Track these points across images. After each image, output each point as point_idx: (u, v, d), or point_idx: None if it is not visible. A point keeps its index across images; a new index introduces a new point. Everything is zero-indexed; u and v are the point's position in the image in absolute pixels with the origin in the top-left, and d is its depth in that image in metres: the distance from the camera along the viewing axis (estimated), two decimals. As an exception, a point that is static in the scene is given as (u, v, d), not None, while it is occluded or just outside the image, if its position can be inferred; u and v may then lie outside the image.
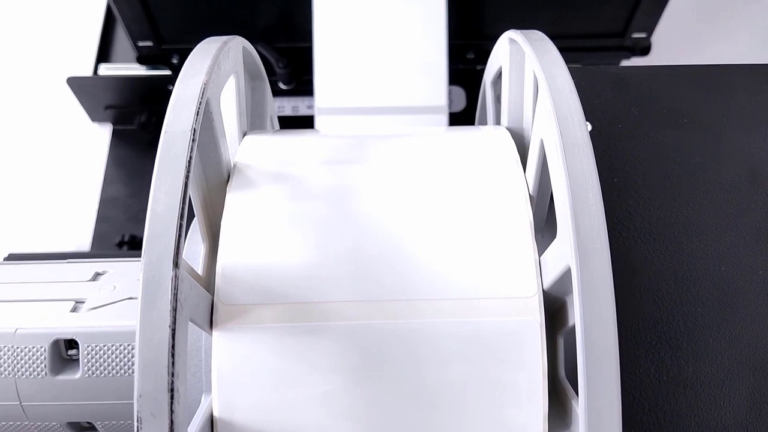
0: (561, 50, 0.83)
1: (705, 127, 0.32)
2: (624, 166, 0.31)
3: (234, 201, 0.29)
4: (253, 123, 0.40)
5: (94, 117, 0.89)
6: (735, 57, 0.94)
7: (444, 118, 0.69)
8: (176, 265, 0.22)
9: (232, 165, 0.31)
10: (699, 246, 0.30)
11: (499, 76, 0.38)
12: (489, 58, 0.39)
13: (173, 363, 0.21)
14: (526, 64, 0.31)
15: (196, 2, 0.73)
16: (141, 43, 0.77)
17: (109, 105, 0.86)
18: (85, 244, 0.84)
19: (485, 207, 0.28)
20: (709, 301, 0.29)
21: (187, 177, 0.23)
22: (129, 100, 0.85)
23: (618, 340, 0.22)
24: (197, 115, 0.25)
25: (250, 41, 0.81)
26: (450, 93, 0.83)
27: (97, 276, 0.36)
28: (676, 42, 0.90)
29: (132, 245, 0.79)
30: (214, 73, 0.27)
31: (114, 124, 0.89)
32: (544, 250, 0.27)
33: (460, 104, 0.82)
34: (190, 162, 0.24)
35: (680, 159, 0.31)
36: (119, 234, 0.82)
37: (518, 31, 0.33)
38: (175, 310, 0.22)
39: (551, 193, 0.27)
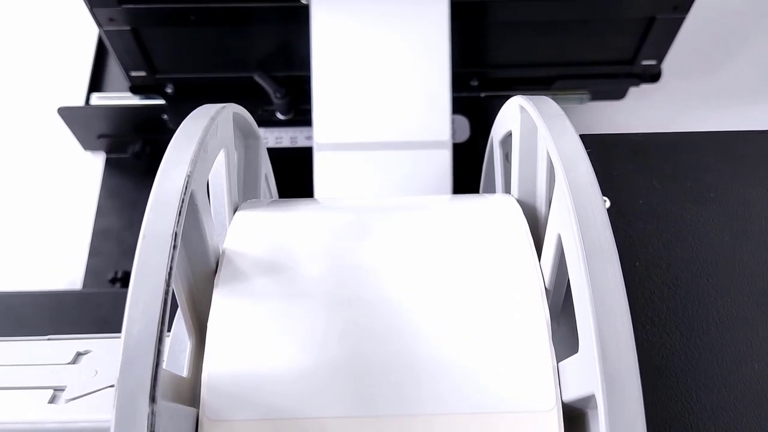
0: (568, 77, 0.80)
1: (733, 202, 0.30)
2: (646, 248, 0.29)
3: (222, 298, 0.26)
4: (246, 184, 0.38)
5: (87, 146, 0.86)
6: (748, 81, 0.91)
7: (447, 153, 0.67)
8: (153, 399, 0.20)
9: (220, 251, 0.28)
10: (730, 340, 0.27)
11: (508, 136, 0.35)
12: (497, 118, 0.37)
13: None
14: (539, 138, 0.29)
15: (190, 32, 0.71)
16: (134, 73, 0.75)
17: (102, 134, 0.84)
18: (77, 279, 0.82)
19: (498, 304, 0.26)
20: (742, 404, 0.26)
21: (166, 292, 0.21)
22: (122, 129, 0.83)
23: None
24: (179, 215, 0.22)
25: (246, 70, 0.79)
26: (453, 122, 0.80)
27: (78, 357, 0.34)
28: (685, 66, 0.88)
29: (125, 282, 0.76)
30: (200, 159, 0.25)
31: (107, 152, 0.87)
32: (561, 345, 0.25)
33: (464, 134, 0.79)
34: (170, 274, 0.21)
35: (707, 239, 0.29)
36: (112, 269, 0.80)
37: (528, 98, 0.30)
38: (152, 449, 0.19)
39: (567, 282, 0.25)
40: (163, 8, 0.66)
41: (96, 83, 0.82)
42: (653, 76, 0.78)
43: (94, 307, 0.75)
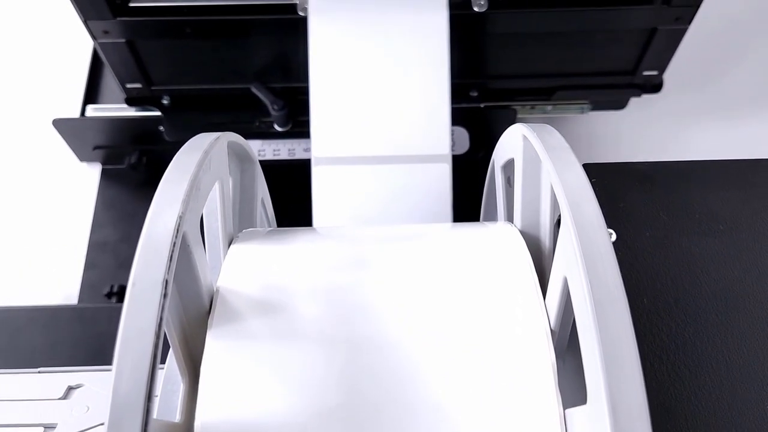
0: (569, 88, 0.79)
1: (743, 234, 0.29)
2: (653, 283, 0.28)
3: (215, 341, 0.25)
4: (242, 209, 0.37)
5: (82, 157, 0.85)
6: (750, 90, 0.90)
7: (447, 167, 0.66)
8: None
9: (214, 289, 0.28)
10: (741, 380, 0.26)
11: (510, 162, 0.35)
12: (498, 143, 0.36)
13: None
14: (543, 171, 0.28)
15: (186, 44, 0.70)
16: (129, 85, 0.74)
17: (98, 145, 0.83)
18: (73, 293, 0.81)
19: (502, 347, 0.25)
20: (755, 447, 0.25)
21: (156, 346, 0.20)
22: (118, 141, 0.82)
23: None
24: (170, 261, 0.22)
25: (243, 81, 0.78)
26: (453, 134, 0.79)
27: (70, 391, 0.33)
28: (687, 75, 0.87)
29: (121, 297, 0.75)
30: (192, 198, 0.24)
31: (103, 163, 0.86)
32: (566, 384, 0.24)
33: (464, 146, 0.78)
34: (160, 326, 0.20)
35: (717, 274, 0.28)
36: (109, 282, 0.79)
37: (531, 128, 0.29)
38: None
39: (573, 321, 0.24)
40: (159, 21, 0.65)
41: (91, 94, 0.81)
42: (655, 86, 0.77)
43: (90, 323, 0.74)
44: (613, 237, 0.28)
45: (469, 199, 0.78)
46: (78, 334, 0.73)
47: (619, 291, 0.21)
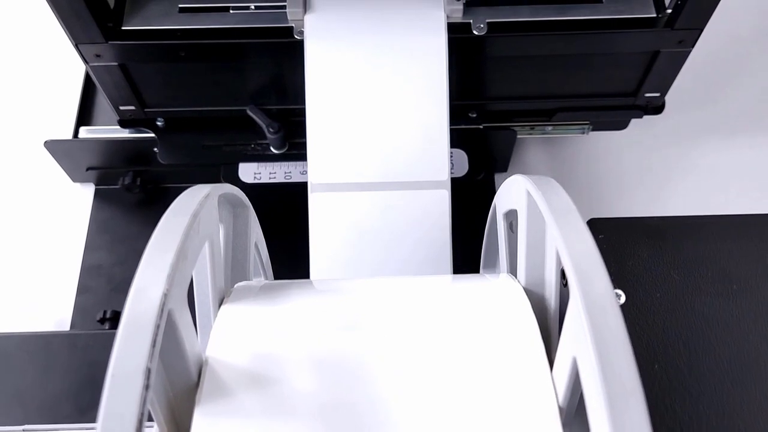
0: (569, 109, 0.78)
1: (758, 295, 0.27)
2: (665, 348, 0.27)
3: (204, 419, 0.24)
4: (235, 256, 0.36)
5: (75, 178, 0.84)
6: (752, 111, 0.89)
7: (446, 193, 0.64)
8: None
9: (203, 358, 0.26)
10: (757, 456, 0.25)
11: (512, 211, 0.33)
12: (500, 190, 0.35)
13: None
14: (549, 234, 0.27)
15: (181, 67, 0.68)
16: (123, 108, 0.73)
17: (91, 167, 0.81)
18: (65, 317, 0.79)
19: (508, 425, 0.23)
20: None
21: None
22: (112, 162, 0.81)
23: None
24: (153, 347, 0.20)
25: (238, 103, 0.76)
26: (451, 156, 0.78)
27: (53, 454, 0.31)
28: (688, 95, 0.86)
29: (114, 323, 0.74)
30: (178, 271, 0.22)
31: (97, 184, 0.84)
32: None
33: (462, 168, 0.77)
34: (141, 422, 0.19)
35: (731, 338, 0.27)
36: (102, 306, 0.78)
37: (535, 184, 0.28)
38: None
39: (581, 393, 0.23)
40: (153, 44, 0.64)
41: (84, 115, 0.80)
42: (656, 108, 0.76)
43: (83, 350, 0.73)
44: (622, 299, 0.27)
45: (468, 222, 0.77)
46: (70, 362, 0.72)
47: (633, 382, 0.20)
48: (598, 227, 0.24)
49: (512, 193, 0.32)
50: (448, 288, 0.30)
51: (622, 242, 0.29)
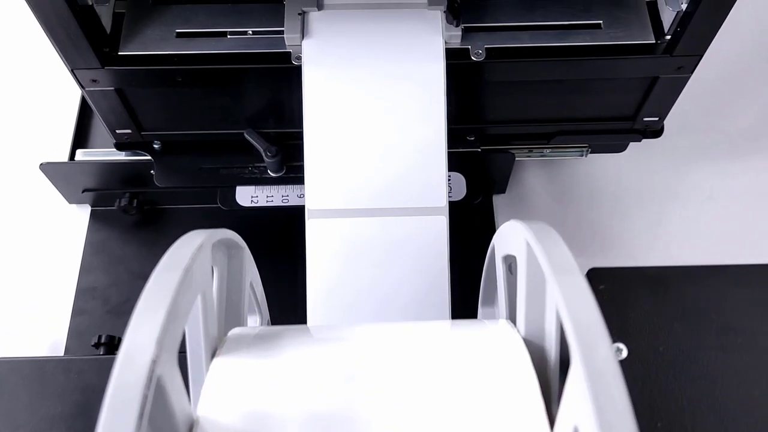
0: (568, 133, 0.78)
1: (764, 349, 0.27)
2: (668, 405, 0.26)
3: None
4: (229, 299, 0.35)
5: (71, 199, 0.84)
6: (750, 129, 0.89)
7: (444, 219, 0.64)
8: None
9: (194, 418, 0.26)
10: None
11: (511, 256, 0.33)
12: (498, 233, 0.34)
13: None
14: (549, 287, 0.26)
15: (178, 92, 0.68)
16: (119, 131, 0.72)
17: (87, 188, 0.81)
18: (60, 339, 0.79)
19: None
20: None
21: None
22: (108, 184, 0.80)
23: None
24: (140, 419, 0.20)
25: (236, 127, 0.76)
26: (449, 180, 0.78)
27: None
28: (686, 114, 0.86)
29: (109, 348, 0.73)
30: (168, 335, 0.22)
31: (93, 205, 0.84)
32: None
33: (461, 192, 0.77)
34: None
35: (736, 394, 0.26)
36: (96, 330, 0.77)
37: (536, 237, 0.27)
38: None
39: None
40: (149, 70, 0.63)
41: (81, 138, 0.80)
42: (655, 132, 0.75)
43: (77, 375, 0.72)
44: (624, 353, 0.26)
45: (466, 246, 0.77)
46: (64, 387, 0.71)
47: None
48: (599, 277, 0.23)
49: (511, 239, 0.32)
50: (446, 339, 0.30)
51: (623, 292, 0.28)
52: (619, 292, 0.28)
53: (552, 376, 0.28)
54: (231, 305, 0.35)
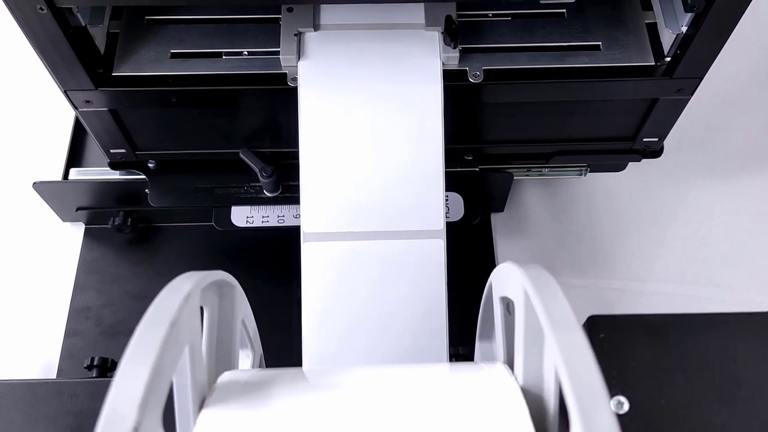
0: (567, 153, 0.77)
1: (766, 401, 0.26)
2: (670, 461, 0.25)
3: None
4: (220, 337, 0.34)
5: (65, 218, 0.83)
6: (749, 147, 0.89)
7: (441, 243, 0.63)
8: None
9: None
10: None
11: (508, 297, 0.32)
12: (495, 272, 0.33)
13: None
14: (547, 345, 0.26)
15: (172, 112, 0.67)
16: (113, 151, 0.71)
17: (81, 207, 0.80)
18: (53, 360, 0.78)
19: None
20: None
21: None
22: (102, 203, 0.80)
23: None
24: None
25: (231, 147, 0.75)
26: (447, 200, 0.77)
27: None
28: (686, 133, 0.85)
29: (102, 371, 0.72)
30: (153, 394, 0.21)
31: (87, 223, 0.83)
32: None
33: (458, 213, 0.76)
34: None
35: (739, 451, 0.25)
36: (90, 351, 0.76)
37: (535, 288, 0.26)
38: None
39: None
40: (143, 91, 0.63)
41: (75, 156, 0.79)
42: (654, 152, 0.75)
43: (69, 398, 0.71)
44: (626, 407, 0.25)
45: (464, 267, 0.76)
46: (56, 411, 0.70)
47: None
48: (601, 326, 0.23)
49: (508, 282, 0.31)
50: (442, 388, 0.29)
51: (624, 341, 0.27)
52: (620, 341, 0.27)
53: (550, 427, 0.27)
54: (222, 346, 0.34)
